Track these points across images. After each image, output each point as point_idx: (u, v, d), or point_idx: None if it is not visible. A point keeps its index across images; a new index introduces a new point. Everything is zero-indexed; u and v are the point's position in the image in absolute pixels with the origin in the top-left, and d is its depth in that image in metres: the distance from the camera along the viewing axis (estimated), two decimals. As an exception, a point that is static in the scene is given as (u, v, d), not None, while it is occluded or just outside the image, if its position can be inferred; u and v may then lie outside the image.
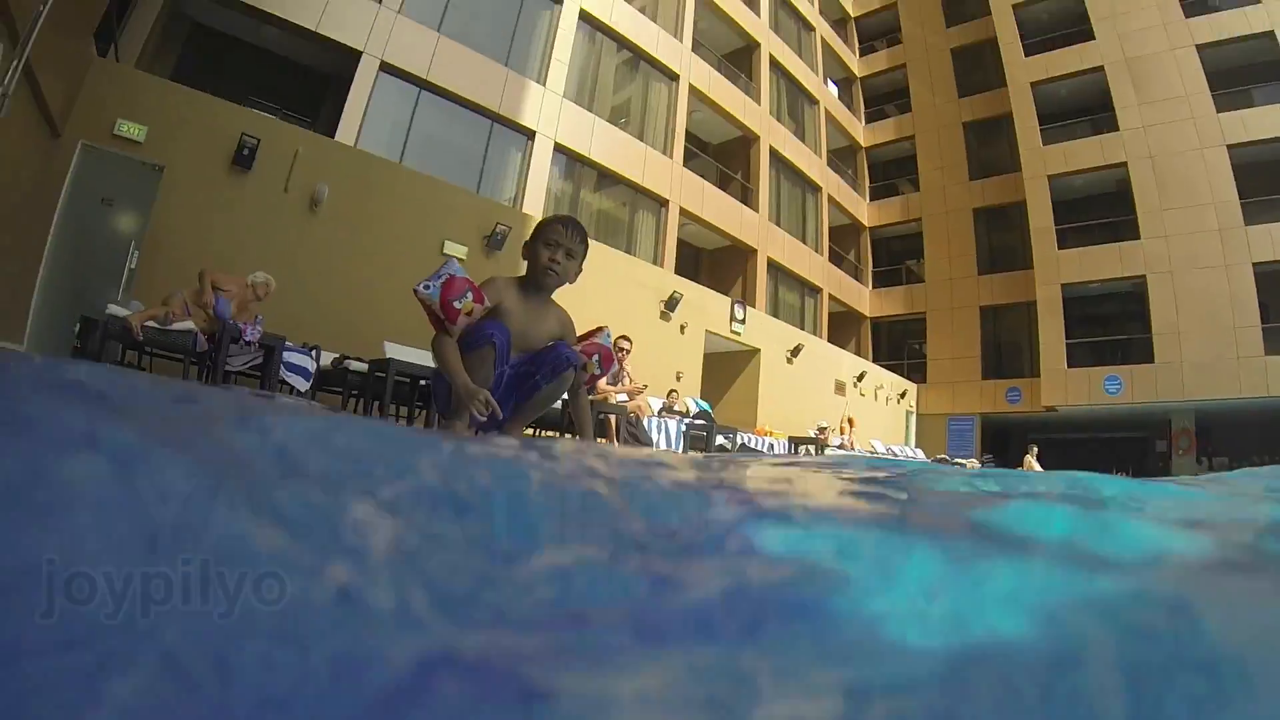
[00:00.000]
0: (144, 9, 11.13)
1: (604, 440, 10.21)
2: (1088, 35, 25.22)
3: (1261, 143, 21.78)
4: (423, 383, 8.22)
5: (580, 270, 3.74)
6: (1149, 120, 23.37)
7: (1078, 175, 24.62)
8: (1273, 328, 20.96)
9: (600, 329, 4.20)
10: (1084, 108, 25.10)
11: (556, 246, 3.57)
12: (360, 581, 0.59)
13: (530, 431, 5.90)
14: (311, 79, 14.19)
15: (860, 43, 32.39)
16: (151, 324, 6.58)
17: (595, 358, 3.98)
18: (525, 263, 3.71)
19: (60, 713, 0.40)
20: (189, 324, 6.76)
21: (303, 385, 7.36)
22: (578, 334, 4.01)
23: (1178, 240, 22.34)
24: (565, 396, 3.83)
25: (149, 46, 11.39)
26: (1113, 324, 24.30)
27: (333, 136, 12.27)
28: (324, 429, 0.97)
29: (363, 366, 8.12)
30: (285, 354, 7.09)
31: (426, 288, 3.35)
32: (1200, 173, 22.30)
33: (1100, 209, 24.33)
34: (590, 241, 3.79)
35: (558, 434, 9.07)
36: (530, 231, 3.68)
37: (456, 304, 3.33)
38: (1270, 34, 22.14)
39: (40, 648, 0.45)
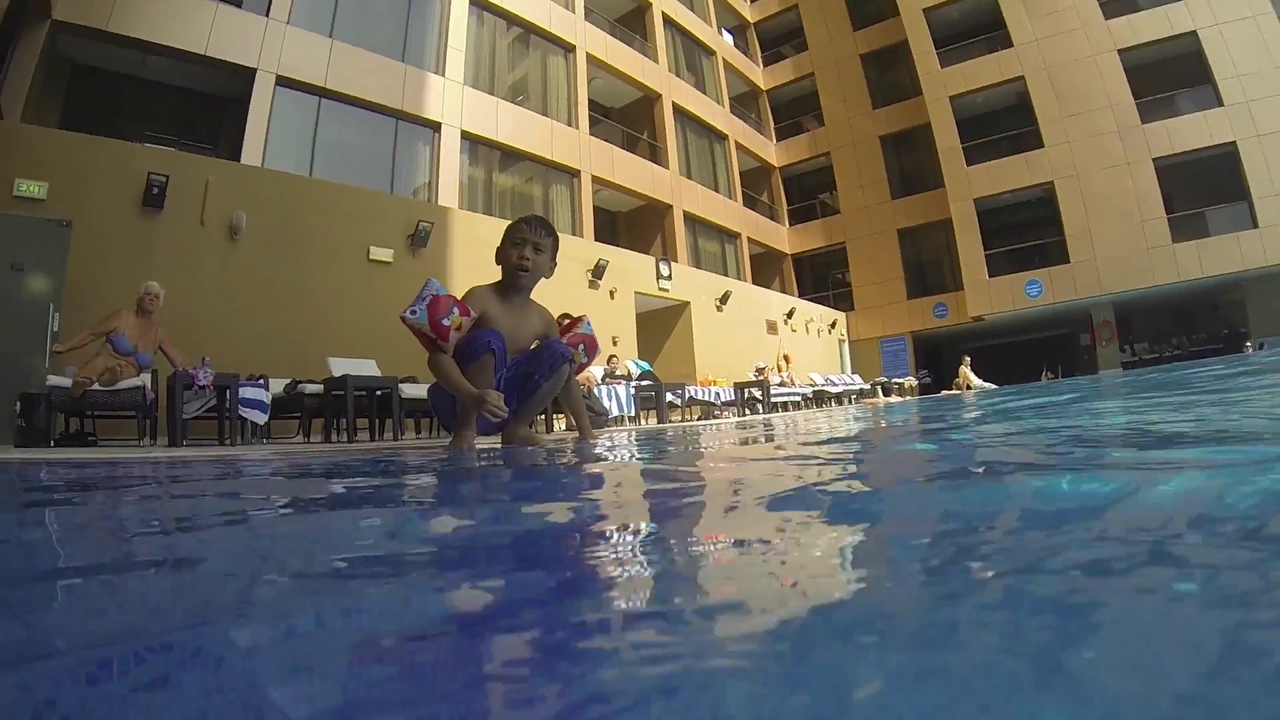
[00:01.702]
0: (20, 58, 10.79)
1: (561, 416, 10.48)
2: (975, -45, 25.89)
3: (1151, 44, 22.90)
4: (379, 393, 8.37)
5: (554, 264, 3.99)
6: (1041, 33, 24.28)
7: (978, 93, 25.49)
8: (1177, 217, 22.17)
9: (580, 318, 4.46)
10: (977, 27, 25.94)
11: (524, 244, 3.80)
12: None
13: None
14: (207, 104, 13.91)
15: (750, -13, 32.56)
16: (96, 387, 6.56)
17: (581, 347, 4.23)
18: (500, 268, 3.93)
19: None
20: (135, 380, 6.77)
21: (260, 419, 7.47)
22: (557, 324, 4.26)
23: (1080, 145, 23.38)
24: None
25: (32, 96, 11.06)
26: (1027, 231, 25.38)
27: (238, 160, 12.16)
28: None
29: (318, 388, 8.19)
30: (240, 390, 7.16)
31: (413, 313, 3.53)
32: (1095, 79, 23.34)
33: (1003, 123, 25.32)
34: (505, 221, 3.99)
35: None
36: (501, 236, 3.91)
37: (445, 321, 3.52)
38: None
39: None
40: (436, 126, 15.68)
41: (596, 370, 12.43)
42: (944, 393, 20.08)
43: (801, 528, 1.04)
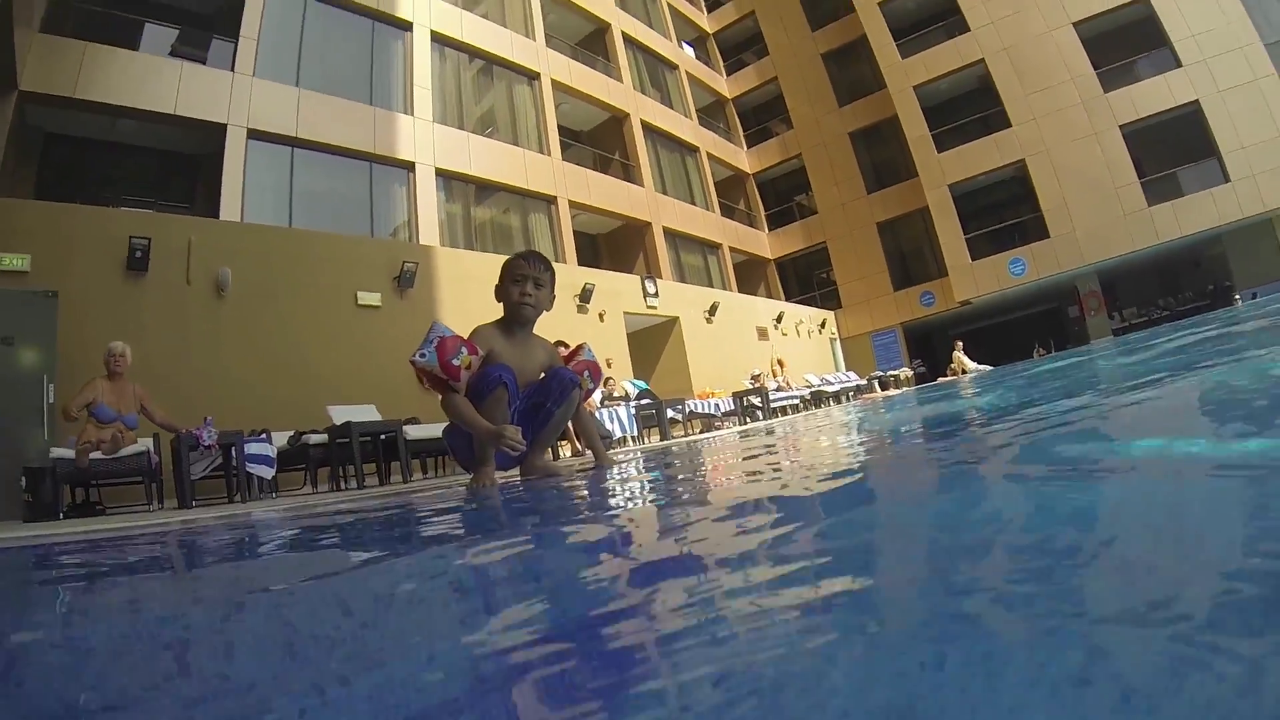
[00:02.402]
0: (-10, 132, 10.73)
1: (566, 443, 10.45)
2: (921, -56, 26.24)
3: (1104, 13, 23.21)
4: (383, 438, 8.30)
5: (554, 296, 4.02)
6: (996, 14, 24.60)
7: (941, 80, 25.74)
8: (1150, 180, 22.42)
9: (581, 346, 4.48)
10: (934, 15, 26.28)
11: (524, 280, 3.82)
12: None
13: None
14: (181, 163, 13.84)
15: (705, -1, 32.84)
16: (98, 454, 6.49)
17: (586, 374, 4.25)
18: (501, 305, 3.93)
19: None
20: (138, 446, 6.70)
21: (268, 474, 7.38)
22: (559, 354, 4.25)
23: (1046, 120, 23.63)
24: None
25: (6, 169, 10.99)
26: (1004, 211, 25.55)
27: (217, 216, 12.12)
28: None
29: (322, 437, 8.12)
30: (245, 446, 7.07)
31: (422, 356, 3.53)
32: (1054, 53, 23.63)
33: (969, 107, 25.57)
34: (488, 255, 4.00)
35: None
36: (492, 270, 3.90)
37: (455, 361, 3.53)
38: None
39: None
40: (410, 166, 15.68)
41: (595, 394, 12.38)
42: (940, 380, 20.12)
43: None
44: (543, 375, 3.99)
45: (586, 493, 2.68)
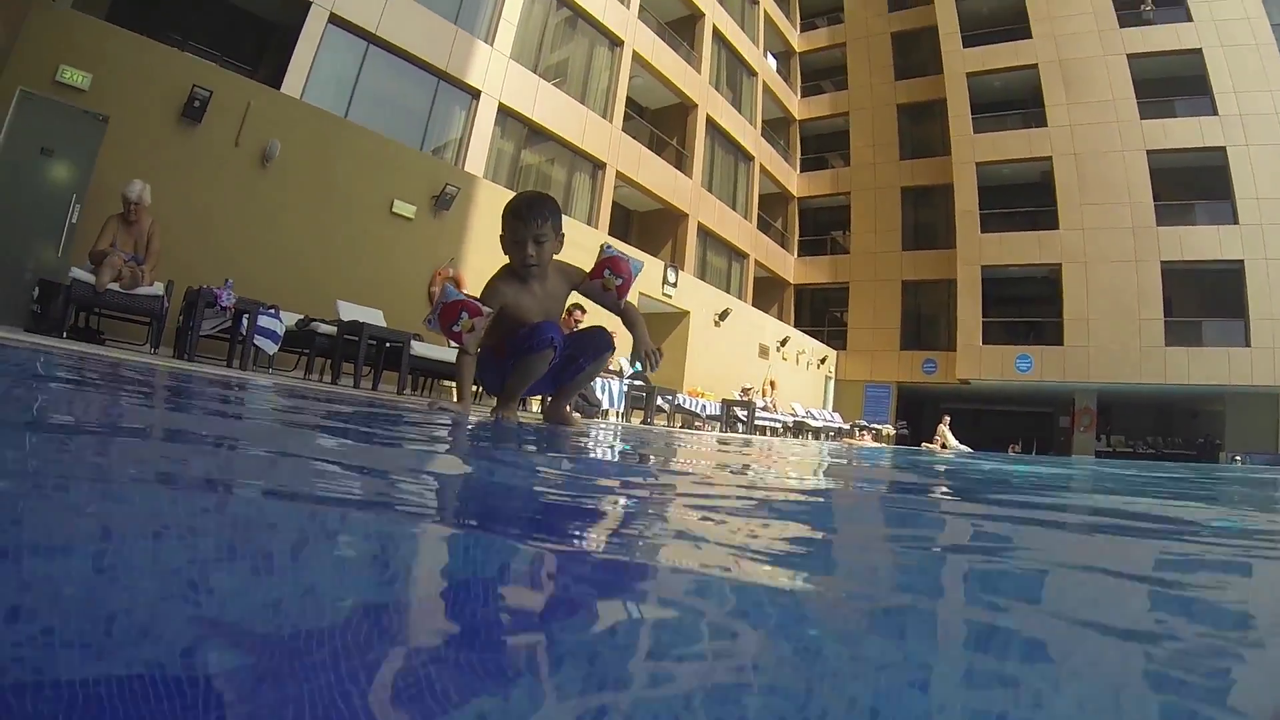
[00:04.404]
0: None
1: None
2: (1025, 34, 26.41)
3: (1178, 151, 23.35)
4: (389, 345, 8.37)
5: (560, 239, 4.04)
6: (1076, 120, 24.63)
7: (1005, 164, 25.84)
8: (1175, 321, 22.58)
9: (600, 248, 4.48)
10: (1016, 101, 26.31)
11: (524, 243, 3.87)
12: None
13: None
14: (256, 27, 13.83)
15: (802, 18, 32.83)
16: (114, 286, 6.55)
17: (607, 272, 4.26)
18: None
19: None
20: (154, 289, 6.75)
21: (271, 349, 7.45)
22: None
23: (1093, 234, 23.76)
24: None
25: (84, -16, 10.92)
26: (1027, 306, 25.73)
27: (278, 87, 12.05)
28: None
29: (331, 329, 8.17)
30: (258, 317, 7.14)
31: (430, 323, 3.87)
32: (1120, 173, 23.73)
33: (1023, 198, 25.67)
34: None
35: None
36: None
37: (456, 328, 3.79)
38: (1197, 50, 23.46)
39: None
40: (476, 93, 15.66)
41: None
42: (924, 445, 20.32)
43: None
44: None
45: (585, 440, 2.95)
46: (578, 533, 0.90)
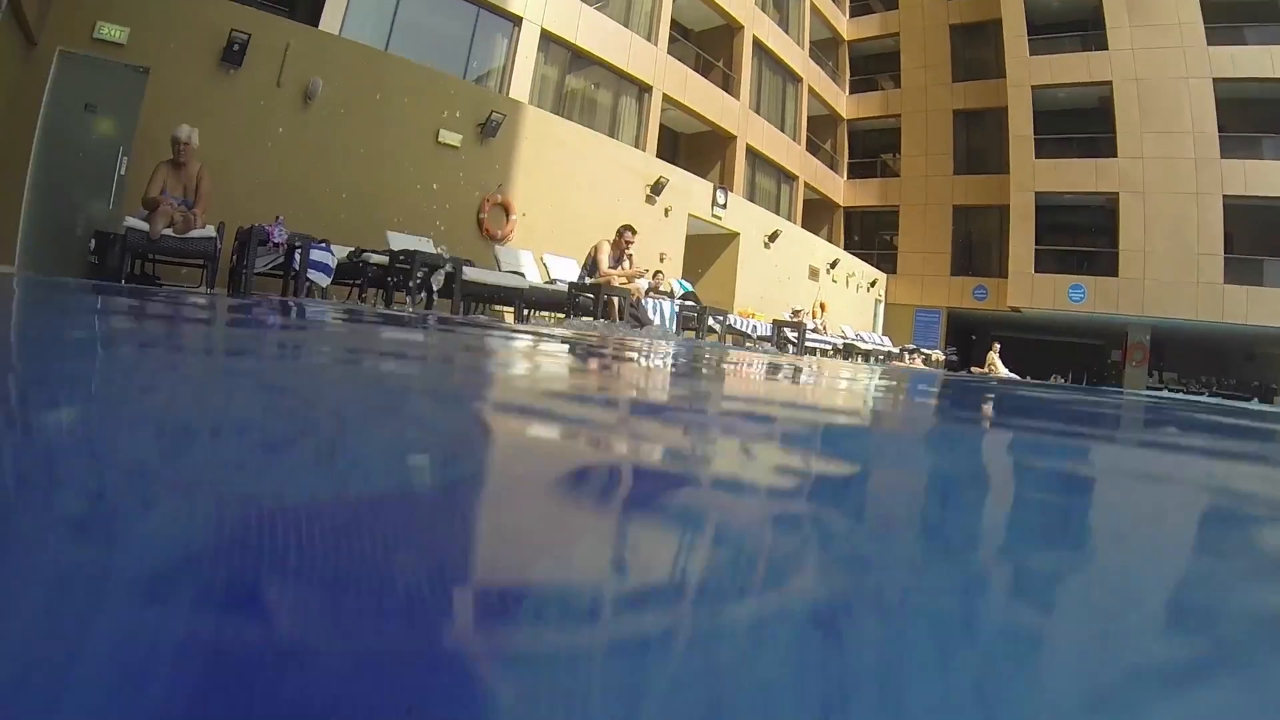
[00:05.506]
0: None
1: (607, 320, 10.72)
2: (1086, -50, 24.81)
3: (1247, 80, 21.97)
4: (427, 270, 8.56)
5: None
6: (1139, 43, 23.34)
7: (1061, 89, 24.63)
8: (1235, 258, 21.74)
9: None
10: (1075, 22, 24.86)
11: None
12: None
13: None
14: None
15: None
16: (168, 232, 6.78)
17: None
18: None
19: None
20: (207, 231, 6.98)
21: (325, 281, 7.67)
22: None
23: (1153, 163, 22.76)
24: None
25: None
26: (1082, 235, 24.95)
27: (316, 25, 12.06)
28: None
29: (382, 258, 8.37)
30: (310, 250, 7.35)
31: None
32: (1184, 101, 22.53)
33: (1080, 124, 24.54)
34: (577, 126, 4.14)
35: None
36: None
37: None
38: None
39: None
40: (518, 20, 15.46)
41: (642, 283, 12.59)
42: (974, 369, 20.30)
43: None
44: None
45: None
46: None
